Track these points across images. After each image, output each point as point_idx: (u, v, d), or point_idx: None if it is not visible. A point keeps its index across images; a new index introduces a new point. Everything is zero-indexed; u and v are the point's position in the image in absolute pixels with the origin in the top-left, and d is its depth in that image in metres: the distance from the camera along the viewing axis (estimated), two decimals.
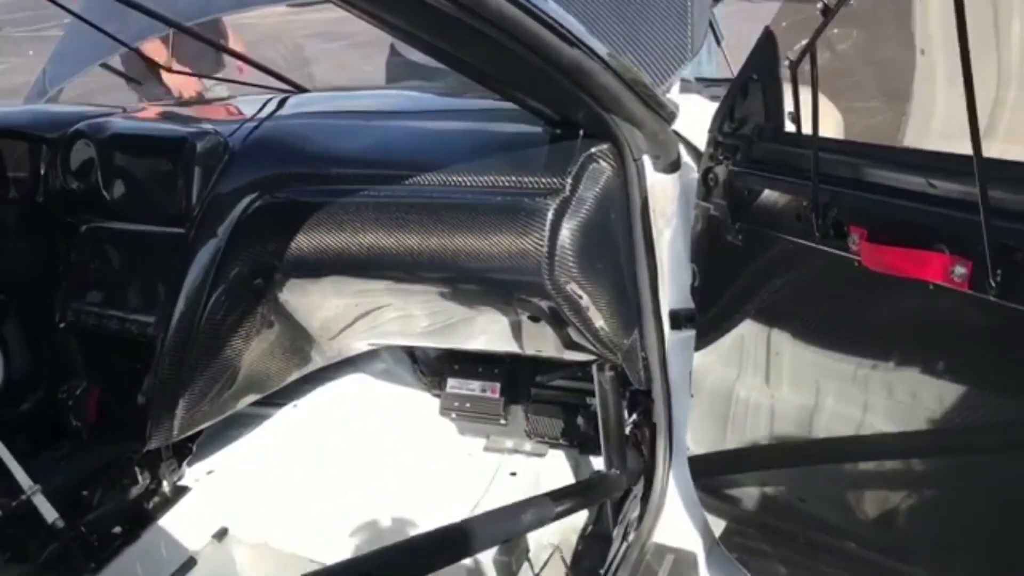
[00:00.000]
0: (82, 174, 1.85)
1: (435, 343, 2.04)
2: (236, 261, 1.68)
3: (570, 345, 1.71)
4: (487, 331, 1.80)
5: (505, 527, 1.45)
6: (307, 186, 1.69)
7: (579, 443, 2.16)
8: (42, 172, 1.93)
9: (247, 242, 1.68)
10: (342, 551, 1.86)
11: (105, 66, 2.40)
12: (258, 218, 1.69)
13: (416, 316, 1.80)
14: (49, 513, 1.50)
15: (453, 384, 2.29)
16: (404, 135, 1.77)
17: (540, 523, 1.54)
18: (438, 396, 2.32)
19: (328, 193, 1.66)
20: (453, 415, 2.30)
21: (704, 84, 2.35)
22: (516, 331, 1.75)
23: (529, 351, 1.84)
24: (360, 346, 2.04)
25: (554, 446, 2.20)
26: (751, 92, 1.35)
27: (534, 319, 1.69)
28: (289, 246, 1.66)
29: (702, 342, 1.58)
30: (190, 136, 1.73)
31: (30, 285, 1.96)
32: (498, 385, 2.25)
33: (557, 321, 1.63)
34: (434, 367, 2.34)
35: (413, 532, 2.03)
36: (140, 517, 1.69)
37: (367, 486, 2.08)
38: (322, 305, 1.77)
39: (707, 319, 1.57)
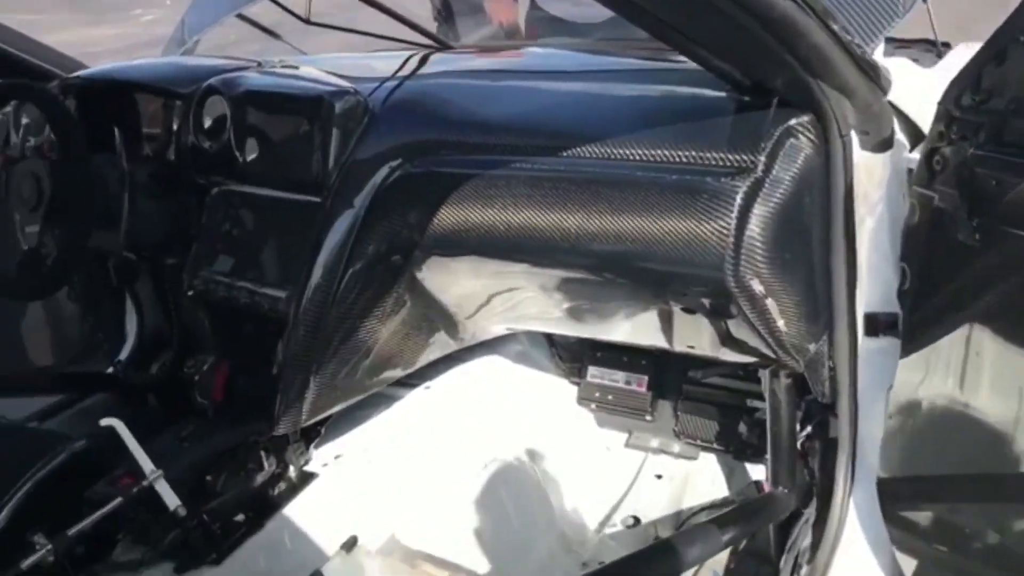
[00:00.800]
0: (214, 133, 1.73)
1: (572, 331, 1.85)
2: (374, 235, 1.53)
3: (731, 343, 1.49)
4: (631, 322, 1.60)
5: (670, 565, 1.25)
6: (453, 155, 1.52)
7: (735, 449, 1.94)
8: (174, 129, 1.82)
9: (386, 215, 1.52)
10: (473, 554, 1.72)
11: (241, 17, 2.28)
12: (399, 189, 1.53)
13: (556, 301, 1.61)
14: (171, 500, 1.40)
15: (594, 373, 2.10)
16: (561, 99, 1.57)
17: (707, 557, 1.35)
18: (576, 384, 2.14)
19: (476, 164, 1.48)
20: (592, 406, 2.11)
21: (894, 45, 2.04)
22: (665, 324, 1.55)
23: (678, 347, 1.63)
24: (497, 329, 1.87)
25: (706, 449, 1.99)
26: (1011, 57, 1.08)
27: (688, 311, 1.47)
28: (431, 221, 1.49)
29: (908, 352, 1.33)
30: (328, 95, 1.58)
31: (160, 248, 1.87)
32: (645, 379, 2.05)
33: (717, 316, 1.42)
34: (574, 353, 2.16)
35: (550, 534, 1.87)
36: (264, 505, 1.58)
37: (500, 477, 1.93)
38: (461, 285, 1.61)
39: (917, 327, 1.32)
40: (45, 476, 1.57)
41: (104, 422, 1.41)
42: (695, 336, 1.56)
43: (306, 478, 1.65)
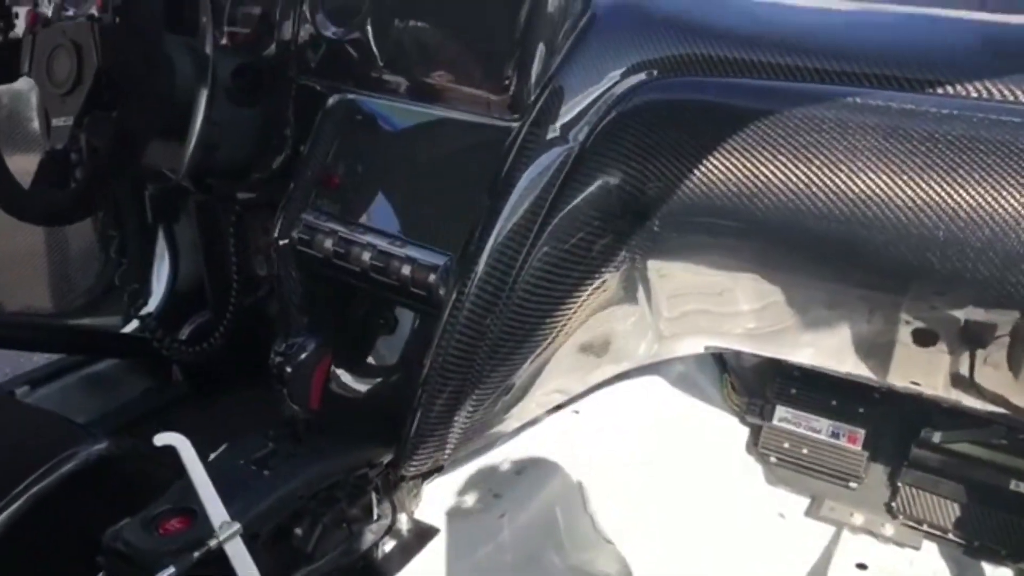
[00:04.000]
0: (343, 15, 1.20)
1: (752, 347, 1.33)
2: (592, 186, 1.00)
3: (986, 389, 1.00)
4: (836, 343, 1.10)
5: None
6: (720, 77, 0.99)
7: (982, 546, 1.41)
8: (277, 12, 1.28)
9: (616, 158, 0.99)
10: None
11: None
12: (637, 121, 0.99)
13: (748, 305, 1.10)
14: (245, 568, 0.85)
15: (785, 416, 1.57)
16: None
17: None
18: (753, 425, 1.61)
19: (759, 93, 0.96)
20: (773, 459, 1.58)
21: None
22: (884, 353, 1.07)
23: (897, 380, 1.13)
24: (696, 345, 1.34)
25: (936, 539, 1.46)
26: None
27: (924, 341, 0.98)
28: (686, 173, 0.96)
29: None
30: None
31: (236, 174, 1.33)
32: (861, 433, 1.52)
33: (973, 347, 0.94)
34: (751, 383, 1.63)
35: None
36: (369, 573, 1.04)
37: (651, 529, 1.43)
38: (695, 275, 1.08)
39: None
40: (42, 493, 1.03)
41: (162, 439, 0.86)
42: (930, 373, 1.09)
43: (424, 535, 1.12)
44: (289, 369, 1.05)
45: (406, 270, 1.05)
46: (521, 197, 1.00)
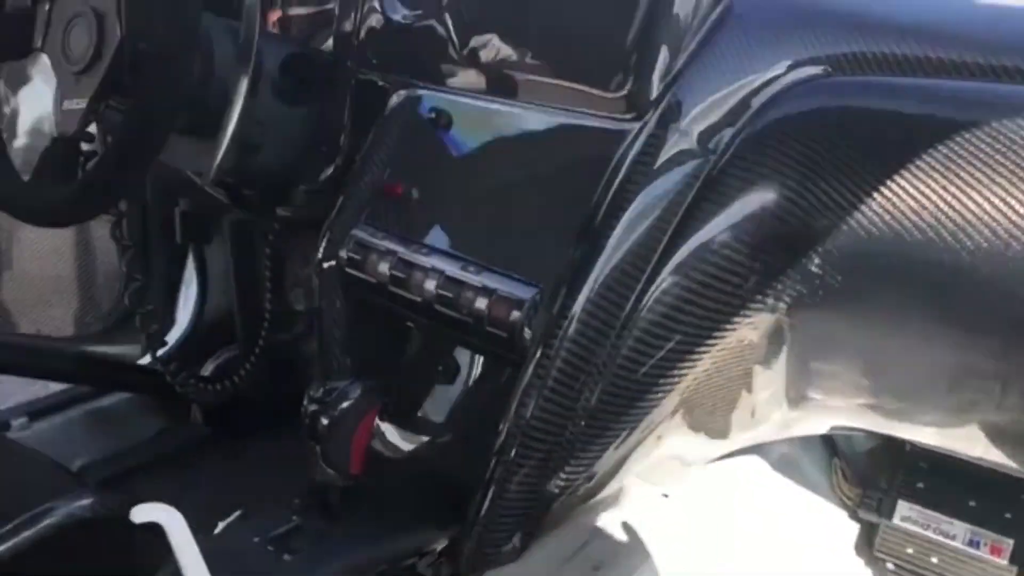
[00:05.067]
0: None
1: (871, 424, 1.07)
2: (736, 205, 0.77)
3: None
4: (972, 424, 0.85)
5: None
6: (888, 77, 0.77)
7: None
8: None
9: (766, 171, 0.76)
10: None
11: None
12: (799, 127, 0.77)
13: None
14: None
15: (908, 514, 1.30)
16: None
17: None
18: (867, 522, 1.34)
19: (966, 100, 0.73)
20: (890, 564, 1.31)
21: None
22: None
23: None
24: (821, 424, 1.08)
25: None
26: None
27: None
28: (863, 198, 0.73)
29: None
30: None
31: (275, 183, 1.12)
32: (1009, 543, 1.24)
33: None
34: (866, 471, 1.36)
35: None
36: None
37: None
38: (846, 338, 0.84)
39: None
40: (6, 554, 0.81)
41: (144, 513, 0.63)
42: None
43: None
44: (326, 421, 0.82)
45: (481, 304, 0.82)
46: (638, 218, 0.77)
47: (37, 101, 1.22)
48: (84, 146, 0.98)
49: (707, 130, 0.78)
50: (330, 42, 1.13)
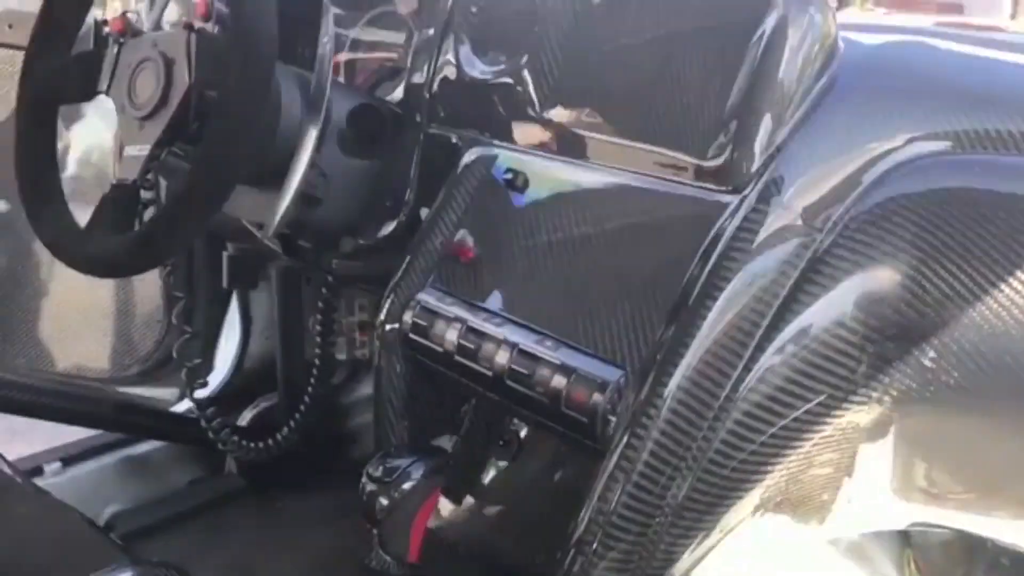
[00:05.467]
0: (496, 52, 0.95)
1: (953, 519, 0.99)
2: (847, 288, 0.71)
3: None
4: None
5: None
6: (1016, 156, 0.71)
7: None
8: (412, 45, 1.05)
9: (883, 253, 0.71)
10: None
11: None
12: (920, 206, 0.71)
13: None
14: None
15: None
16: None
17: None
18: None
19: None
20: None
21: None
22: None
23: None
24: (903, 519, 1.01)
25: None
26: None
27: None
28: (988, 287, 0.67)
29: None
30: (785, 7, 0.77)
31: (333, 236, 1.08)
32: None
33: None
34: (941, 566, 1.28)
35: None
36: None
37: None
38: (953, 430, 0.77)
39: None
40: None
41: None
42: None
43: None
44: (385, 503, 0.76)
45: (559, 383, 0.76)
46: (737, 297, 0.71)
47: (95, 145, 1.19)
48: (144, 195, 0.95)
49: (813, 206, 0.73)
50: (397, 92, 1.10)
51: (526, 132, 0.92)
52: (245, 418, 1.59)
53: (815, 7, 0.76)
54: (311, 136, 0.94)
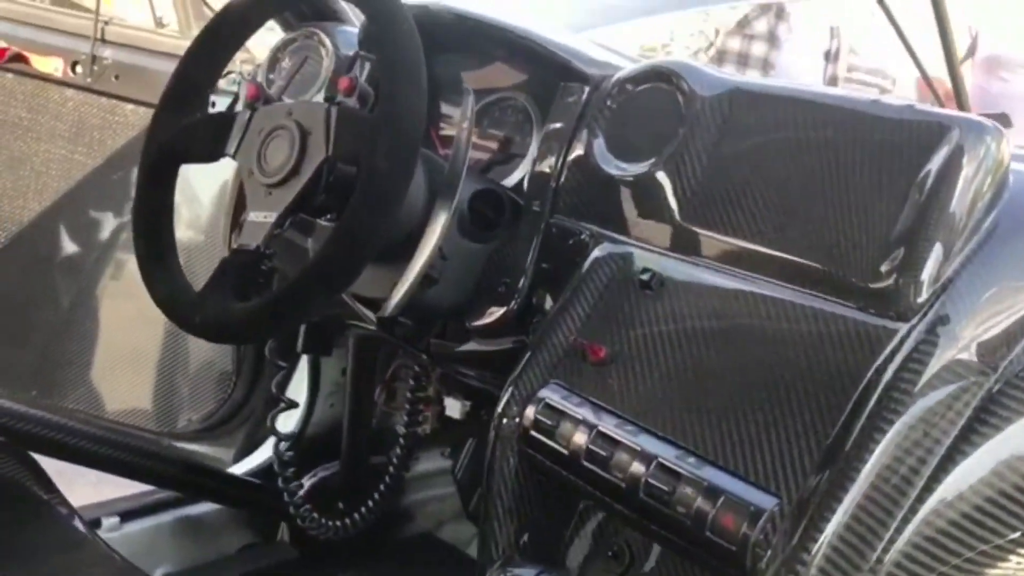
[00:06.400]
0: (635, 150, 0.94)
1: None
2: (1020, 423, 0.67)
3: None
4: None
5: None
6: None
7: None
8: (541, 134, 1.04)
9: None
10: None
11: None
12: None
13: None
14: None
15: None
16: None
17: None
18: None
19: None
20: None
21: None
22: None
23: None
24: None
25: None
26: None
27: None
28: None
29: None
30: (959, 125, 0.75)
31: (445, 319, 1.06)
32: None
33: None
34: None
35: None
36: None
37: None
38: None
39: None
40: None
41: None
42: None
43: None
44: None
45: (703, 504, 0.72)
46: (904, 435, 0.68)
47: (213, 208, 1.18)
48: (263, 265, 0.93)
49: (987, 343, 0.70)
50: (512, 178, 1.09)
51: (662, 233, 0.90)
52: (303, 486, 1.55)
53: (991, 136, 0.74)
54: (441, 220, 0.93)
